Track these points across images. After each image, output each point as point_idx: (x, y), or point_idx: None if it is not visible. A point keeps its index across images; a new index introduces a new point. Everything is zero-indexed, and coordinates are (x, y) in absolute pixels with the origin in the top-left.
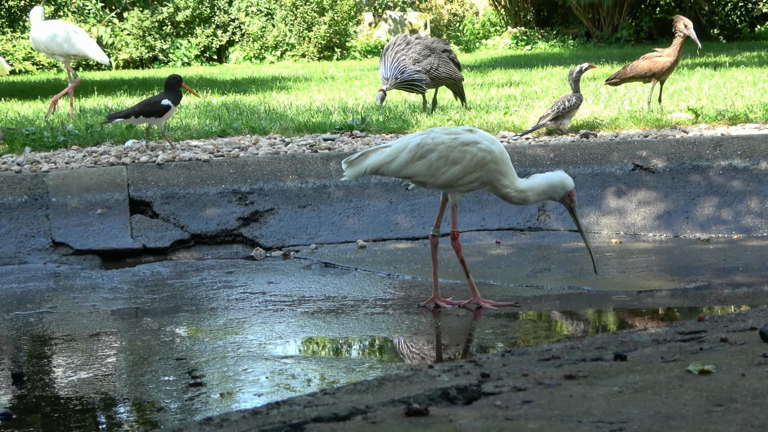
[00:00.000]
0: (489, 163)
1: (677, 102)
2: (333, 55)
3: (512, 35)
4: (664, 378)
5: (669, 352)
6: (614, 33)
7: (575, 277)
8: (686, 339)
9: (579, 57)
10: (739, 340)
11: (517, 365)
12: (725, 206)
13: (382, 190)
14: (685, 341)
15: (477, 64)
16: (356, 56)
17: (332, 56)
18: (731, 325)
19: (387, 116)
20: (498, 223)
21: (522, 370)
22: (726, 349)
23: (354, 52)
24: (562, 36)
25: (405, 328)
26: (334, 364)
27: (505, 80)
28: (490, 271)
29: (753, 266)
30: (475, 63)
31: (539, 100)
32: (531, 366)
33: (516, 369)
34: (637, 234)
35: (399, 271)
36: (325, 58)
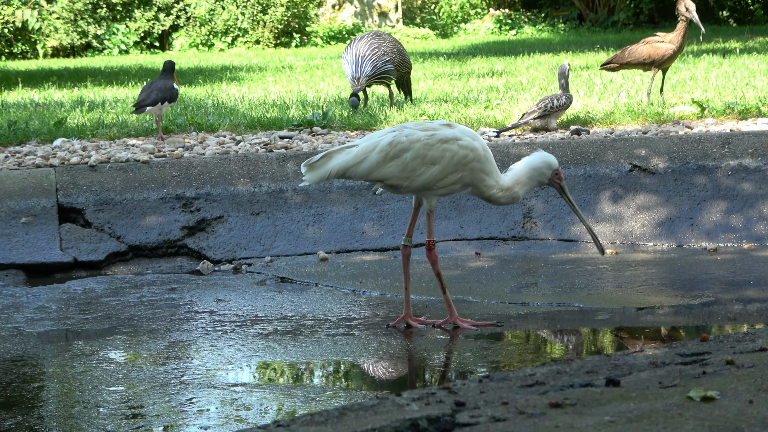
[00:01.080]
0: (471, 162)
1: (681, 94)
2: (291, 41)
3: (495, 18)
4: (662, 406)
5: (668, 376)
6: (610, 15)
7: (565, 293)
8: (687, 362)
9: (570, 43)
10: (747, 363)
11: (496, 392)
12: (735, 212)
13: (346, 195)
14: (687, 364)
15: (455, 52)
16: (318, 42)
17: (290, 42)
18: (738, 346)
19: (351, 111)
20: (478, 232)
21: (502, 398)
22: (732, 372)
23: (315, 38)
24: (551, 19)
25: (372, 351)
26: (291, 393)
27: (486, 69)
28: (469, 286)
29: (766, 279)
30: (452, 50)
31: (525, 93)
32: (512, 393)
33: (495, 396)
34: (635, 243)
35: (366, 286)
36: (282, 44)
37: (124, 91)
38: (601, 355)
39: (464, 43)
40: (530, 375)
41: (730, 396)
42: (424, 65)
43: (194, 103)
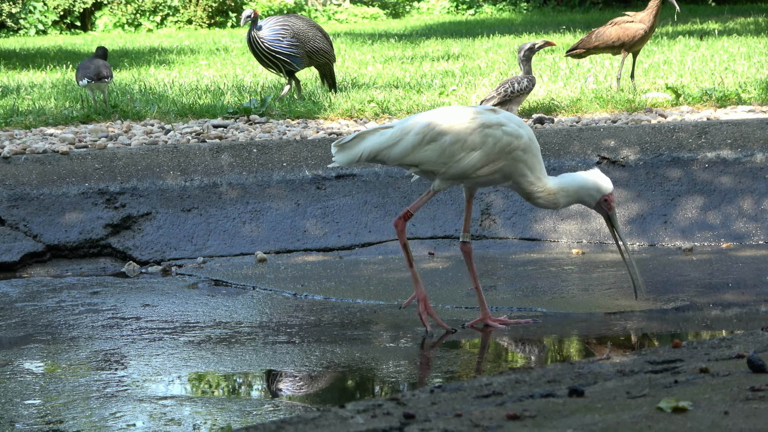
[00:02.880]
0: (515, 150)
1: (654, 79)
2: (227, 21)
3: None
4: (630, 417)
5: (636, 385)
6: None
7: (527, 297)
8: (658, 370)
9: (534, 24)
10: (723, 371)
11: (449, 403)
12: (712, 208)
13: (286, 190)
14: (657, 372)
15: (407, 33)
16: None
17: (226, 23)
18: (714, 353)
19: (293, 97)
20: (432, 230)
21: (455, 410)
22: (706, 381)
23: None
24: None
25: (315, 360)
26: (225, 406)
27: (441, 52)
28: None
29: (745, 281)
30: (404, 31)
31: (483, 77)
32: (466, 404)
33: (448, 408)
34: (603, 243)
35: (308, 290)
36: (216, 24)
37: (41, 75)
38: (564, 363)
39: (417, 24)
40: (486, 385)
41: (704, 407)
42: (373, 48)
43: (119, 88)
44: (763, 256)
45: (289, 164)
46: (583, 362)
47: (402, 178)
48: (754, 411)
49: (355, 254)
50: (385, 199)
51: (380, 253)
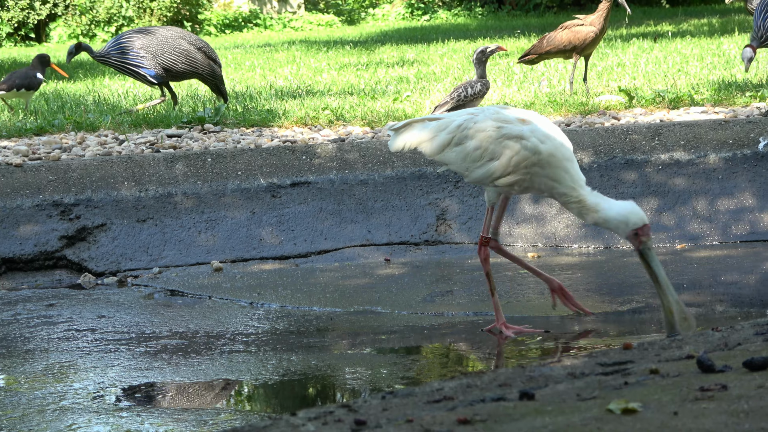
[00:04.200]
0: (532, 166)
1: (607, 82)
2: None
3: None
4: (579, 420)
5: (587, 387)
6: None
7: (483, 301)
8: (609, 372)
9: (489, 29)
10: (673, 372)
11: (400, 409)
12: (666, 209)
13: (242, 198)
14: (608, 374)
15: (362, 39)
16: (211, 31)
17: None
18: (664, 354)
19: (247, 106)
20: (388, 236)
21: (406, 415)
22: (656, 382)
23: (208, 26)
24: (468, 3)
25: (271, 369)
26: (181, 417)
27: (396, 59)
28: (378, 296)
29: (700, 282)
30: (359, 38)
31: (438, 83)
32: (418, 410)
33: (399, 414)
34: (559, 246)
35: (264, 298)
36: None
37: None
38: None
39: (373, 30)
40: (438, 390)
41: (654, 408)
42: (328, 55)
43: (73, 99)
44: (717, 256)
45: (243, 173)
46: (534, 366)
47: (357, 184)
48: (703, 411)
49: (312, 262)
50: (340, 206)
51: (336, 261)
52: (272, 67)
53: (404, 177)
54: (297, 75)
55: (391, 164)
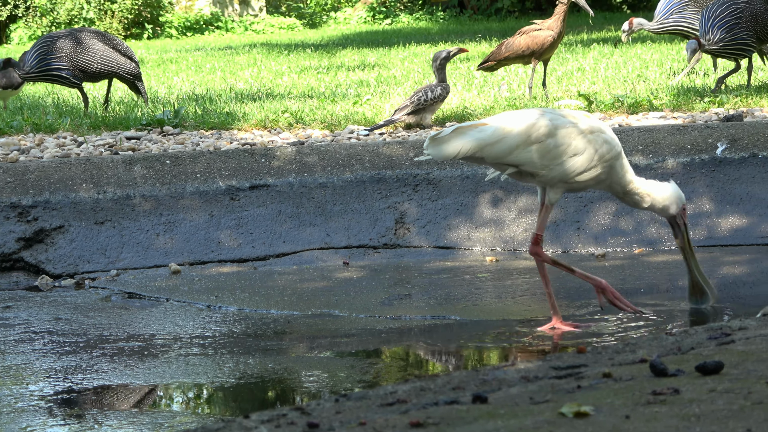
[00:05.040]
0: (611, 159)
1: (567, 86)
2: (143, 32)
3: (368, 6)
4: (532, 423)
5: (540, 391)
6: (494, 3)
7: (440, 305)
8: (562, 375)
9: (450, 32)
10: (626, 375)
11: (353, 412)
12: (624, 214)
13: (200, 201)
14: (561, 378)
15: (323, 43)
16: (172, 34)
17: (142, 34)
18: (618, 357)
19: (207, 109)
20: (346, 240)
21: (359, 418)
22: (609, 386)
23: (169, 29)
24: (429, 7)
25: (228, 371)
26: (137, 419)
27: (357, 62)
28: (336, 299)
29: (658, 286)
30: (321, 41)
31: (398, 87)
32: (371, 412)
33: (352, 417)
34: (517, 250)
35: (222, 301)
36: (133, 36)
37: None
38: (470, 370)
39: (334, 34)
40: (391, 393)
41: (606, 411)
42: (289, 58)
43: (32, 101)
44: (674, 261)
45: (202, 175)
46: (488, 369)
47: (316, 188)
48: (655, 415)
49: (270, 265)
50: (299, 210)
51: (295, 264)
52: (233, 69)
53: (363, 180)
54: (257, 78)
55: (350, 167)
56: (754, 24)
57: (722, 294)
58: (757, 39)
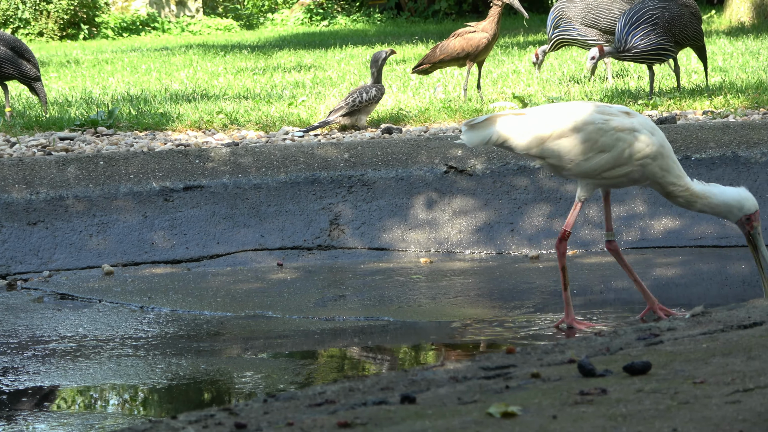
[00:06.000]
0: (644, 159)
1: (502, 88)
2: (79, 33)
3: (305, 8)
4: (459, 423)
5: (468, 391)
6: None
7: (374, 306)
8: (491, 375)
9: (388, 34)
10: (554, 376)
11: (281, 412)
12: (558, 216)
13: (134, 202)
14: (490, 378)
15: (260, 44)
16: (108, 34)
17: (78, 35)
18: (546, 358)
19: (141, 109)
20: (281, 241)
21: (287, 419)
22: (537, 386)
23: (106, 30)
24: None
25: (159, 372)
26: (67, 421)
27: (294, 64)
28: (270, 300)
29: (592, 288)
30: (257, 42)
31: (334, 88)
32: (299, 413)
33: (280, 417)
34: (451, 251)
35: (155, 302)
36: (68, 36)
37: None
38: (399, 371)
39: (271, 35)
40: (320, 393)
41: (533, 411)
42: (225, 59)
43: None
44: (608, 262)
45: (136, 176)
46: (417, 369)
47: (251, 189)
48: (582, 415)
49: (204, 266)
50: (233, 211)
51: (228, 265)
52: (169, 70)
53: (298, 182)
54: (193, 79)
55: (284, 169)
56: (671, 28)
57: (655, 295)
58: (675, 43)
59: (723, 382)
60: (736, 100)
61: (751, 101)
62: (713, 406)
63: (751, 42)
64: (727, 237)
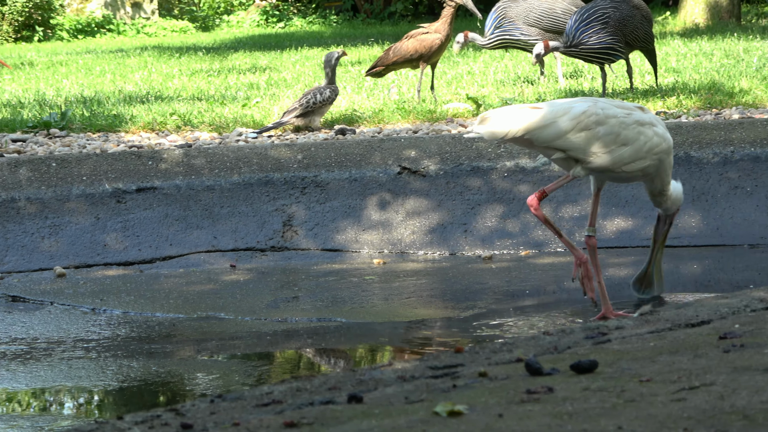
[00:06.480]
0: (661, 153)
1: (456, 90)
2: (34, 35)
3: (261, 10)
4: (406, 422)
5: (416, 390)
6: (387, 7)
7: (327, 307)
8: (438, 375)
9: (343, 36)
10: (501, 374)
11: (228, 413)
12: (511, 216)
13: (86, 204)
14: (437, 377)
15: (216, 46)
16: (63, 36)
17: (33, 36)
18: (494, 357)
19: (94, 111)
20: (233, 243)
21: (233, 419)
22: (484, 385)
23: (61, 32)
24: (323, 11)
25: (111, 374)
26: (17, 423)
27: (249, 65)
28: (222, 302)
29: (544, 288)
30: (213, 44)
31: (288, 89)
32: (245, 413)
33: (226, 417)
34: (404, 252)
35: (107, 304)
36: (23, 39)
37: None
38: (347, 371)
39: (227, 37)
40: (267, 393)
41: (480, 410)
42: (180, 61)
43: None
44: (560, 262)
45: (89, 178)
46: (365, 369)
47: (204, 190)
48: (528, 413)
49: (156, 268)
50: (186, 212)
51: (181, 267)
52: (123, 72)
53: (251, 183)
54: (148, 80)
55: (238, 170)
56: (623, 29)
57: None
58: (626, 44)
59: (669, 380)
60: (688, 100)
61: (704, 102)
62: (659, 404)
63: (705, 43)
64: (679, 237)
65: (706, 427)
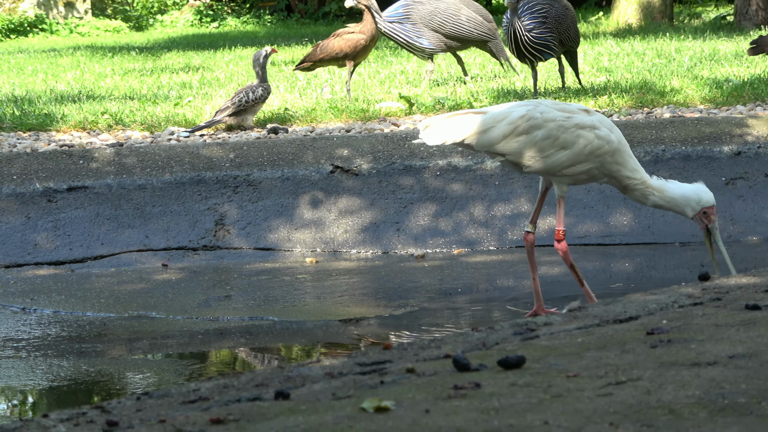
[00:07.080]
0: (604, 155)
1: (389, 89)
2: None
3: (195, 9)
4: (332, 418)
5: (343, 387)
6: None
7: (259, 306)
8: (366, 371)
9: (278, 36)
10: (429, 371)
11: (154, 409)
12: (444, 215)
13: (17, 203)
14: (365, 374)
15: (149, 46)
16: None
17: None
18: (422, 353)
19: (25, 110)
20: (165, 242)
21: (159, 416)
22: (412, 381)
23: None
24: (257, 11)
25: (40, 374)
26: None
27: (182, 65)
28: (154, 301)
29: (476, 286)
30: (146, 44)
31: (221, 89)
32: (172, 410)
33: (153, 414)
34: (337, 251)
35: (38, 303)
36: None
37: None
38: (274, 368)
39: (160, 37)
40: (194, 390)
41: (407, 406)
42: (113, 60)
43: None
44: (493, 261)
45: (19, 177)
46: (292, 366)
47: (135, 189)
48: (455, 409)
49: (88, 267)
50: (118, 211)
51: (113, 266)
52: (55, 72)
53: (183, 182)
54: (80, 80)
55: (169, 169)
56: (558, 26)
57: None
58: (559, 42)
59: (596, 376)
60: (620, 99)
61: (636, 101)
62: (585, 399)
63: (638, 43)
64: (611, 235)
65: (632, 422)
